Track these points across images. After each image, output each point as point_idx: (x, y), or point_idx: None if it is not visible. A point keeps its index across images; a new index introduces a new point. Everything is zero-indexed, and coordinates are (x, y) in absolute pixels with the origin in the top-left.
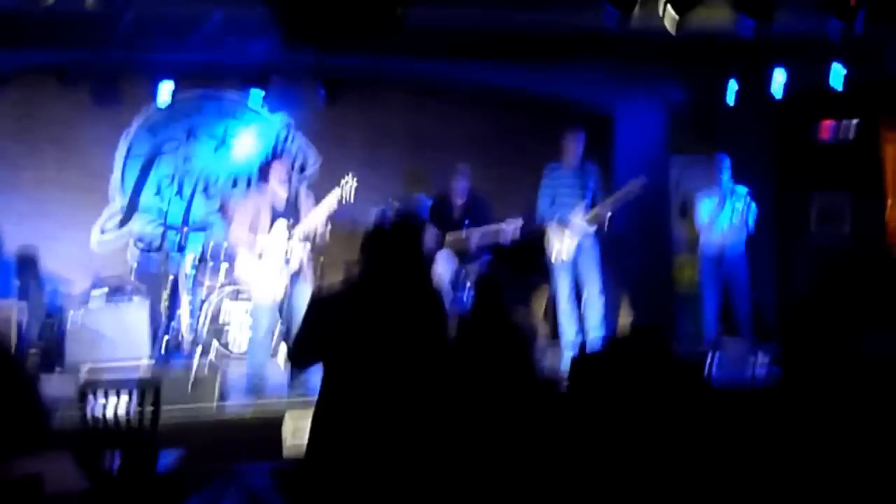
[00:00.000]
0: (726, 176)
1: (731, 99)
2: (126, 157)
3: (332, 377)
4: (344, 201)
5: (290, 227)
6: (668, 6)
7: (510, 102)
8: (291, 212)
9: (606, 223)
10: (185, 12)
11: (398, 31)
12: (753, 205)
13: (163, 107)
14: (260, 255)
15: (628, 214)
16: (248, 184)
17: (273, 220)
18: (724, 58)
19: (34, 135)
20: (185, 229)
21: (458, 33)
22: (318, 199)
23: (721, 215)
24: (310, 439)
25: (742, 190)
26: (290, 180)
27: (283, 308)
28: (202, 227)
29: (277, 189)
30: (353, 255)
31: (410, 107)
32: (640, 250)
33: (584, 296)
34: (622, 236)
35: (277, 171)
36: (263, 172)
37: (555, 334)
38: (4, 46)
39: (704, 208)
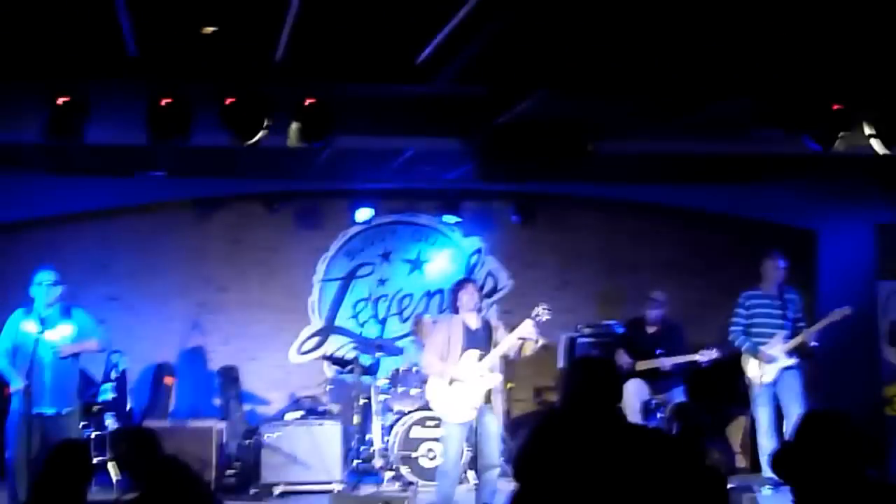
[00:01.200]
0: None
1: None
2: (324, 280)
3: None
4: (536, 330)
5: (481, 356)
6: (875, 139)
7: (706, 223)
8: (482, 340)
9: (809, 352)
10: (382, 146)
11: (589, 162)
12: None
13: (360, 231)
14: (450, 382)
15: (833, 341)
16: (441, 308)
17: (463, 347)
18: None
19: (241, 258)
20: (379, 352)
21: (651, 158)
22: (508, 324)
23: None
24: None
25: None
26: (480, 307)
27: (473, 436)
28: (395, 351)
29: (468, 316)
30: (543, 381)
31: (604, 229)
32: (846, 379)
33: (787, 428)
34: (826, 365)
35: (468, 298)
36: (455, 298)
37: (755, 468)
38: (217, 176)
39: None
